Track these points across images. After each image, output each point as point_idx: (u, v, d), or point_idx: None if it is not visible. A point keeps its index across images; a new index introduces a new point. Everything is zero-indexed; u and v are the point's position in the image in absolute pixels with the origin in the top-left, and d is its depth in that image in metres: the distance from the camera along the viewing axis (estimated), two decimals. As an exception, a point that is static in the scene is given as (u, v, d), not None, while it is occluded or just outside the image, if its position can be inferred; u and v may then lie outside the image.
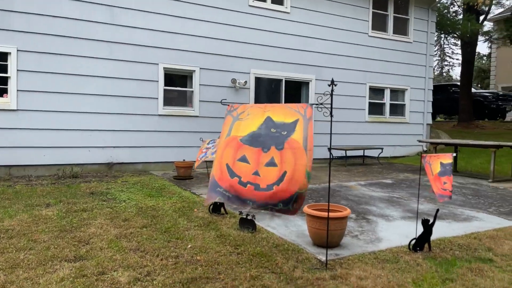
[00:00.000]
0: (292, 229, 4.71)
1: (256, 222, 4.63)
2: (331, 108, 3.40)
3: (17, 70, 7.76)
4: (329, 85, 3.44)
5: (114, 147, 8.78)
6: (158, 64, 9.20)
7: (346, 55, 11.81)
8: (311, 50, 11.25)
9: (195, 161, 9.48)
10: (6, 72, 7.73)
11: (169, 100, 9.56)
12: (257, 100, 10.50)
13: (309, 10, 11.18)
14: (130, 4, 8.80)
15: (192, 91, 9.78)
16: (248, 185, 3.29)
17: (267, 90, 10.81)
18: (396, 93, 13.07)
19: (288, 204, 3.24)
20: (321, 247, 4.05)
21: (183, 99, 9.89)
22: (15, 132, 7.78)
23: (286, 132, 3.34)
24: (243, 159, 3.30)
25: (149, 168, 9.23)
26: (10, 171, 7.79)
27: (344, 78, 11.72)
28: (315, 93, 11.33)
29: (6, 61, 7.72)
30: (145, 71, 9.07)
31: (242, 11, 10.19)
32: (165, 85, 9.40)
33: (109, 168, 8.73)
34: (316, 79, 11.36)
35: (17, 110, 7.79)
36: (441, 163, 3.93)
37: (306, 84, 11.41)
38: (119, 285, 3.13)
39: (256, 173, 3.28)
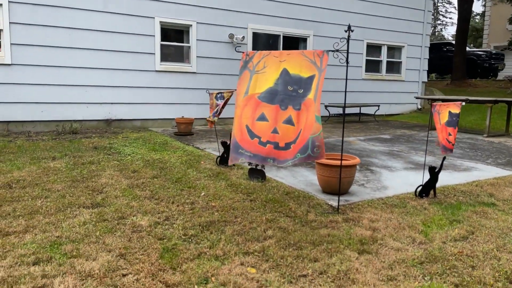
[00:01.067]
0: (300, 179, 4.82)
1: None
2: (347, 54, 3.39)
3: (10, 22, 7.46)
4: (346, 31, 3.41)
5: (112, 103, 8.68)
6: (154, 18, 8.92)
7: (345, 10, 11.58)
8: (310, 5, 10.99)
9: (201, 117, 9.49)
10: (-3, 24, 7.43)
11: (166, 55, 9.37)
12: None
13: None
14: (123, -47, 8.39)
15: (189, 47, 9.58)
16: (268, 144, 3.37)
17: (265, 46, 10.63)
18: (393, 50, 12.98)
19: (307, 151, 3.29)
20: (330, 194, 4.18)
21: (180, 55, 9.70)
22: (11, 87, 7.60)
23: (302, 91, 3.35)
24: (262, 118, 3.35)
25: (148, 125, 9.19)
26: (8, 127, 7.69)
27: (342, 34, 11.50)
28: (314, 49, 11.17)
29: (-3, 12, 7.40)
30: (141, 25, 8.81)
31: (240, -38, 9.80)
32: (162, 40, 9.17)
33: (108, 124, 8.67)
34: (314, 35, 11.18)
35: (11, 64, 7.58)
36: (450, 112, 4.00)
37: (303, 40, 11.23)
38: (141, 228, 3.22)
39: (274, 131, 3.34)
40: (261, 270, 2.63)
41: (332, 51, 3.38)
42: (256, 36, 10.39)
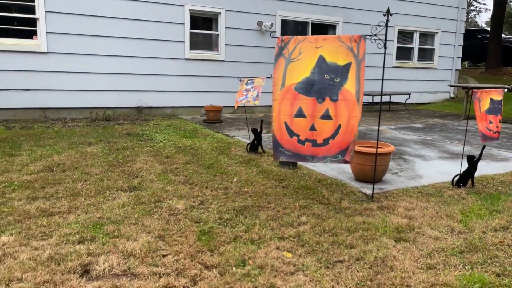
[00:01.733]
0: (331, 166, 4.79)
1: (296, 159, 4.72)
2: (385, 39, 3.32)
3: (45, 11, 7.67)
4: (384, 15, 3.33)
5: (142, 91, 8.83)
6: (183, 6, 8.97)
7: (374, -5, 11.27)
8: (340, -9, 10.76)
9: (229, 105, 9.54)
10: (34, 13, 7.65)
11: (195, 43, 9.41)
12: (283, 44, 10.25)
13: None
14: None
15: (218, 35, 9.59)
16: (306, 142, 3.42)
17: (293, 34, 10.50)
18: (426, 37, 12.58)
19: (345, 154, 3.38)
20: (363, 182, 4.14)
21: (209, 43, 9.73)
22: (47, 75, 7.85)
23: (339, 80, 3.32)
24: (300, 114, 3.37)
25: (177, 112, 9.31)
26: (46, 113, 7.97)
27: (372, 21, 11.21)
28: (343, 37, 10.97)
29: (34, 1, 7.61)
30: (171, 13, 8.87)
31: None
32: (191, 28, 9.22)
33: (139, 112, 8.84)
34: (343, 22, 10.96)
35: (47, 53, 7.81)
36: (491, 100, 3.87)
37: (332, 27, 11.04)
38: (177, 211, 3.29)
39: (312, 128, 3.37)
40: (297, 254, 2.65)
41: (370, 35, 3.30)
42: (284, 23, 10.28)
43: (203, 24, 9.61)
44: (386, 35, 3.33)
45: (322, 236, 2.90)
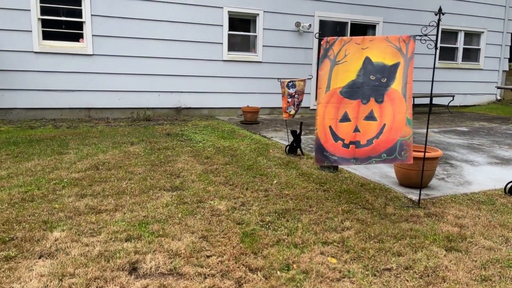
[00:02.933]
0: (373, 170, 4.67)
1: (337, 162, 4.63)
2: (437, 40, 3.18)
3: (91, 15, 7.97)
4: (436, 14, 3.20)
5: (181, 92, 8.99)
6: (222, 7, 9.05)
7: (417, -6, 10.92)
8: (380, -10, 10.51)
9: (265, 106, 9.56)
10: (81, 17, 7.97)
11: (232, 45, 9.48)
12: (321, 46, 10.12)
13: None
14: None
15: (256, 36, 9.61)
16: (351, 145, 3.32)
17: (332, 34, 10.36)
18: (471, 36, 12.05)
19: (394, 153, 3.24)
20: (408, 187, 4.00)
21: (246, 44, 9.77)
22: (92, 76, 8.16)
23: (385, 80, 3.21)
24: (345, 118, 3.29)
25: (214, 113, 9.41)
26: (90, 113, 8.28)
27: (414, 20, 10.93)
28: (382, 37, 10.71)
29: (80, 5, 7.93)
30: (210, 15, 8.98)
31: None
32: (229, 29, 9.30)
33: (178, 112, 9.01)
34: (383, 22, 10.69)
35: (92, 55, 8.11)
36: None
37: (372, 27, 10.79)
38: (219, 212, 3.31)
39: (356, 129, 3.28)
40: (342, 260, 2.59)
41: (419, 35, 3.18)
42: (323, 24, 10.16)
43: (241, 26, 9.67)
44: (437, 35, 3.19)
45: (368, 243, 2.82)
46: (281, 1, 9.57)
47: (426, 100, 11.18)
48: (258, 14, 9.43)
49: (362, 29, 10.79)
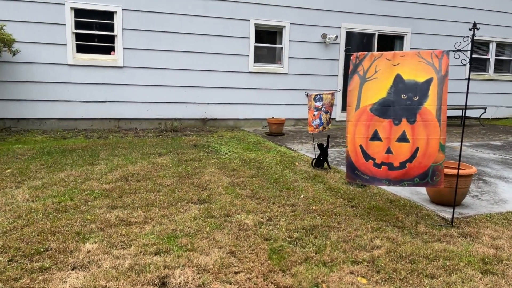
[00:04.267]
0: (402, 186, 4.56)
1: (365, 177, 4.56)
2: (471, 55, 3.11)
3: (123, 28, 8.23)
4: (470, 29, 3.13)
5: (208, 103, 9.11)
6: (249, 20, 9.16)
7: (445, 5, 10.72)
8: (407, 1, 10.39)
9: (290, 118, 9.56)
10: (113, 30, 8.23)
11: (258, 57, 9.56)
12: (347, 57, 10.08)
13: (408, -45, 10.22)
14: (223, -41, 8.75)
15: (282, 48, 9.66)
16: (383, 166, 3.33)
17: (358, 46, 10.30)
18: (503, 47, 11.71)
19: (426, 178, 3.27)
20: (440, 205, 3.88)
21: (272, 56, 9.83)
22: (122, 87, 8.39)
23: (417, 98, 3.17)
24: (375, 137, 3.29)
25: (240, 124, 9.47)
26: (119, 123, 8.50)
27: (443, 31, 10.74)
28: (410, 48, 10.56)
29: (113, 20, 8.20)
30: (237, 27, 9.10)
31: (335, -39, 9.62)
32: (256, 41, 9.38)
33: (204, 123, 9.12)
34: (412, 33, 10.54)
35: (123, 67, 8.35)
36: None
37: (400, 38, 10.65)
38: (247, 227, 3.30)
39: (388, 151, 3.27)
40: (372, 281, 2.53)
41: (453, 50, 3.12)
42: (349, 35, 10.11)
43: (267, 38, 9.74)
44: (471, 51, 3.12)
45: (399, 263, 2.75)
46: (307, 13, 9.60)
47: (457, 112, 10.89)
48: (284, 26, 9.49)
49: (389, 40, 10.67)
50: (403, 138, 3.21)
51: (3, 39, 6.91)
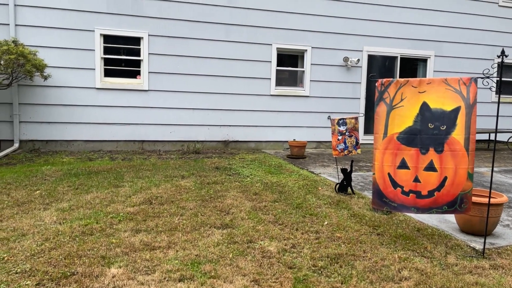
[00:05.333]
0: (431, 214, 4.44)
1: (390, 204, 4.46)
2: (500, 82, 3.05)
3: (148, 53, 8.48)
4: (498, 56, 3.08)
5: (229, 125, 9.20)
6: (271, 44, 9.30)
7: (471, 28, 10.63)
8: (430, 24, 10.35)
9: (312, 140, 9.54)
10: (139, 55, 8.50)
11: (280, 80, 9.64)
12: (369, 80, 10.05)
13: (430, -21, 10.25)
14: (246, -14, 8.98)
15: (303, 71, 9.73)
16: (411, 194, 3.34)
17: (381, 69, 10.28)
18: (531, 69, 11.44)
19: (454, 206, 3.28)
20: (470, 234, 3.75)
21: (294, 79, 9.90)
22: (147, 110, 8.58)
23: (445, 128, 3.14)
24: (403, 165, 3.30)
25: (261, 146, 9.49)
26: (143, 145, 8.65)
27: (468, 54, 10.61)
28: (434, 71, 10.46)
29: (139, 45, 8.48)
30: (258, 52, 9.24)
31: (357, -14, 9.73)
32: (277, 65, 9.49)
33: (225, 145, 9.19)
34: (435, 56, 10.46)
35: (148, 90, 8.56)
36: None
37: (423, 61, 10.58)
38: (270, 254, 3.27)
39: (416, 180, 3.28)
40: (401, 315, 2.44)
41: (481, 77, 3.07)
42: (371, 58, 10.11)
43: (288, 61, 9.84)
44: (500, 78, 3.06)
45: (429, 296, 2.65)
46: (329, 37, 9.68)
47: (483, 136, 10.62)
48: (306, 50, 9.58)
49: (412, 63, 10.61)
50: (430, 168, 3.17)
51: (35, 64, 7.23)
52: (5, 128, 7.86)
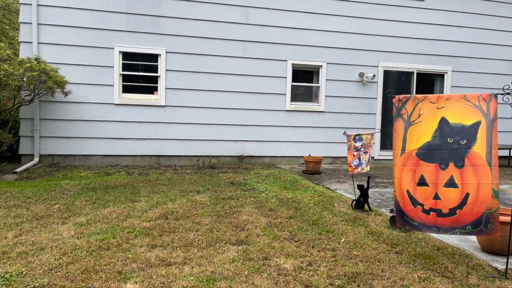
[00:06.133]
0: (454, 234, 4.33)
1: (408, 221, 4.37)
2: (521, 98, 3.00)
3: (166, 70, 8.64)
4: (519, 72, 3.03)
5: (244, 140, 9.23)
6: (286, 60, 9.37)
7: (489, 43, 10.52)
8: (447, 39, 10.29)
9: (327, 156, 9.49)
10: (156, 72, 8.66)
11: (295, 95, 9.68)
12: (385, 96, 9.99)
13: (447, -5, 10.23)
14: (262, 3, 9.12)
15: (318, 87, 9.75)
16: (431, 212, 3.24)
17: (397, 84, 10.22)
18: (552, 84, 11.21)
19: (479, 226, 3.13)
20: (492, 253, 3.64)
21: (309, 95, 9.92)
22: (163, 125, 8.69)
23: (465, 142, 3.08)
24: (422, 182, 3.22)
25: (276, 161, 9.48)
26: (159, 160, 8.74)
27: (486, 69, 10.48)
28: (451, 86, 10.35)
29: (157, 62, 8.65)
30: (274, 68, 9.32)
31: (372, 2, 9.78)
32: (293, 81, 9.54)
33: (240, 160, 9.20)
34: (452, 71, 10.36)
35: (165, 106, 8.69)
36: None
37: (440, 76, 10.49)
38: (286, 272, 3.22)
39: (436, 197, 3.19)
40: (422, 338, 2.36)
41: (501, 93, 3.02)
42: (387, 73, 10.08)
43: (303, 77, 9.88)
44: (522, 93, 3.01)
45: (451, 319, 2.56)
46: (344, 53, 9.70)
47: (502, 152, 10.39)
48: (321, 66, 9.61)
49: (429, 79, 10.52)
50: (451, 183, 3.09)
51: (57, 81, 7.43)
52: (26, 143, 8.06)
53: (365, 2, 9.73)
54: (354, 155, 4.98)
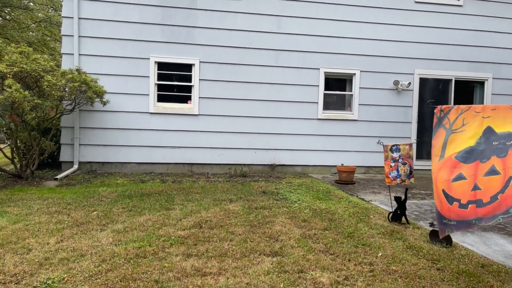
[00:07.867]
0: (494, 248, 4.12)
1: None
2: None
3: (199, 79, 8.78)
4: None
5: (276, 149, 9.20)
6: (319, 69, 9.31)
7: (532, 48, 10.05)
8: (488, 45, 9.91)
9: (361, 165, 9.32)
10: (190, 81, 8.82)
11: (327, 104, 9.58)
12: (421, 104, 9.72)
13: (486, 0, 9.87)
14: (295, 12, 9.13)
15: (351, 95, 9.61)
16: (470, 205, 3.08)
17: (433, 92, 9.92)
18: None
19: None
20: (543, 273, 3.42)
21: (341, 103, 9.79)
22: (196, 134, 8.82)
23: (511, 142, 2.92)
24: (459, 177, 3.07)
25: (308, 171, 9.38)
26: (192, 168, 8.86)
27: (531, 75, 9.99)
28: (492, 94, 9.94)
29: (191, 71, 8.81)
30: (306, 76, 9.28)
31: (407, 9, 9.58)
32: (325, 89, 9.45)
33: (272, 169, 9.18)
34: (493, 78, 9.95)
35: (198, 115, 8.82)
36: None
37: (480, 84, 10.09)
38: (322, 286, 3.16)
39: (475, 187, 3.02)
40: None
41: (553, 104, 2.85)
42: (423, 81, 9.80)
43: (336, 85, 9.78)
44: None
45: None
46: (378, 61, 9.53)
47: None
48: (354, 74, 9.48)
49: (468, 86, 10.15)
50: (492, 171, 2.93)
51: (96, 91, 7.71)
52: (66, 150, 8.38)
53: (400, 9, 9.54)
54: (391, 166, 4.84)
